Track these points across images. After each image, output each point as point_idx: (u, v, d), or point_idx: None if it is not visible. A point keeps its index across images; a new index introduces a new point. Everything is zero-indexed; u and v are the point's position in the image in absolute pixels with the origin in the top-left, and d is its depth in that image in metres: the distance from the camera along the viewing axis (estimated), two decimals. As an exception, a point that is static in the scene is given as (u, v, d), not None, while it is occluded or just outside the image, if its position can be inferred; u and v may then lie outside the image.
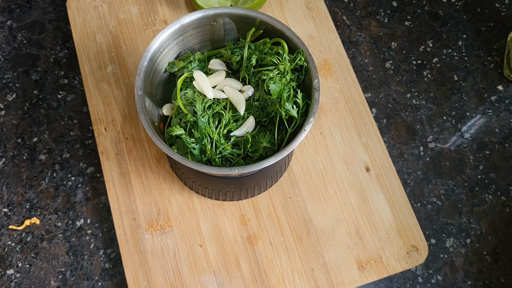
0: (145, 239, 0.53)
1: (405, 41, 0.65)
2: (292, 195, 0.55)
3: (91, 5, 0.62)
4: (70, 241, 0.55)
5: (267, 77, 0.47)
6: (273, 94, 0.46)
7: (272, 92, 0.46)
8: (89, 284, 0.53)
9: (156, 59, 0.48)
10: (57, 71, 0.62)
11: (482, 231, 0.57)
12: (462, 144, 0.61)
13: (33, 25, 0.64)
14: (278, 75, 0.47)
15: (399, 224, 0.54)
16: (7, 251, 0.54)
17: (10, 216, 0.55)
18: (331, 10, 0.65)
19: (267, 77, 0.47)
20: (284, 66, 0.47)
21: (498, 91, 0.63)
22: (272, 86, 0.46)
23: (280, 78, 0.47)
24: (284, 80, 0.47)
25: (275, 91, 0.46)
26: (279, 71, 0.47)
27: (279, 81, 0.47)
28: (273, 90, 0.46)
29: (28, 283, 0.53)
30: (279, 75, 0.47)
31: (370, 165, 0.57)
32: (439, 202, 0.58)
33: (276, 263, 0.53)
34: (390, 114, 0.62)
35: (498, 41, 0.65)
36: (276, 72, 0.47)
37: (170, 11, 0.63)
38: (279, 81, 0.47)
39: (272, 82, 0.46)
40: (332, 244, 0.53)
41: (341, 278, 0.52)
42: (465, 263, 0.56)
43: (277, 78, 0.47)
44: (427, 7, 0.67)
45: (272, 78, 0.47)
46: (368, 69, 0.64)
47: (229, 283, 0.52)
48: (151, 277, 0.51)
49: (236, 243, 0.53)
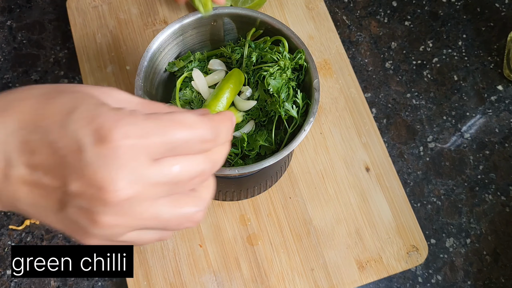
0: (145, 239, 0.53)
1: (405, 41, 0.65)
2: (292, 195, 0.55)
3: (91, 5, 0.62)
4: (70, 241, 0.55)
5: (268, 73, 0.47)
6: (273, 89, 0.46)
7: (272, 88, 0.46)
8: (89, 284, 0.53)
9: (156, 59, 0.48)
10: (57, 71, 0.62)
11: (482, 231, 0.57)
12: (462, 144, 0.61)
13: (33, 25, 0.64)
14: (279, 71, 0.47)
15: (399, 224, 0.54)
16: (7, 251, 0.54)
17: (10, 216, 0.55)
18: (331, 10, 0.65)
19: (267, 73, 0.46)
20: (285, 62, 0.47)
21: (498, 91, 0.63)
22: (272, 82, 0.46)
23: (281, 74, 0.47)
24: (284, 76, 0.47)
25: (275, 87, 0.46)
26: (279, 67, 0.47)
27: (279, 77, 0.46)
28: (273, 86, 0.46)
29: (28, 283, 0.53)
30: (279, 71, 0.47)
31: (370, 165, 0.57)
32: (439, 202, 0.58)
33: (276, 263, 0.53)
34: (390, 114, 0.62)
35: (498, 41, 0.65)
36: (276, 68, 0.47)
37: (170, 11, 0.63)
38: (279, 77, 0.46)
39: (272, 78, 0.46)
40: (332, 244, 0.53)
41: (341, 278, 0.52)
42: (465, 263, 0.56)
43: (277, 73, 0.47)
44: (427, 7, 0.67)
45: (273, 74, 0.46)
46: (368, 69, 0.64)
47: (229, 283, 0.52)
48: (151, 277, 0.51)
49: (236, 243, 0.53)
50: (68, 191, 0.24)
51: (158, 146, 0.25)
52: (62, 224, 0.26)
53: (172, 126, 0.25)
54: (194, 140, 0.26)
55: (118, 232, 0.26)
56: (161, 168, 0.25)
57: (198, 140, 0.26)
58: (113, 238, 0.27)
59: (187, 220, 0.28)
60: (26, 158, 0.25)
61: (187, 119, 0.26)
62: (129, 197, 0.24)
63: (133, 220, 0.25)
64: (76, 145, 0.24)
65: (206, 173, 0.27)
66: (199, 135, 0.26)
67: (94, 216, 0.25)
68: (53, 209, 0.26)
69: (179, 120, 0.25)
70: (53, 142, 0.25)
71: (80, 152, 0.24)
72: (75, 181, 0.24)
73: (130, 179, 0.24)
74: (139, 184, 0.24)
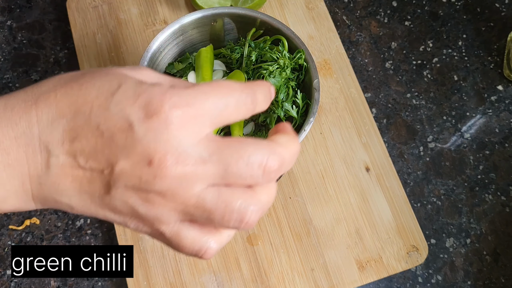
0: (145, 239, 0.53)
1: (405, 41, 0.65)
2: (292, 195, 0.55)
3: (91, 5, 0.62)
4: (70, 241, 0.55)
5: (267, 71, 0.46)
6: None
7: None
8: (89, 284, 0.53)
9: (156, 59, 0.48)
10: (57, 71, 0.62)
11: (482, 231, 0.57)
12: (462, 144, 0.61)
13: (33, 25, 0.64)
14: (278, 70, 0.47)
15: (399, 224, 0.54)
16: (7, 251, 0.54)
17: (10, 216, 0.55)
18: (331, 10, 0.65)
19: (267, 71, 0.46)
20: (284, 61, 0.47)
21: (498, 91, 0.63)
22: (272, 81, 0.46)
23: (280, 73, 0.47)
24: (284, 74, 0.47)
25: (275, 85, 0.46)
26: (279, 66, 0.47)
27: (279, 75, 0.46)
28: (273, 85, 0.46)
29: (28, 283, 0.53)
30: (278, 69, 0.47)
31: (370, 165, 0.57)
32: (439, 202, 0.58)
33: (276, 263, 0.53)
34: (390, 114, 0.62)
35: (498, 41, 0.65)
36: (275, 67, 0.47)
37: (170, 11, 0.63)
38: (278, 75, 0.46)
39: (272, 77, 0.46)
40: (332, 244, 0.53)
41: (341, 278, 0.52)
42: (465, 263, 0.56)
43: (276, 72, 0.47)
44: (427, 7, 0.67)
45: (272, 73, 0.46)
46: (368, 69, 0.64)
47: (229, 283, 0.52)
48: (151, 277, 0.51)
49: (236, 243, 0.53)
50: (115, 171, 0.24)
51: (205, 112, 0.25)
52: (109, 209, 0.26)
53: (213, 92, 0.25)
54: (240, 102, 0.26)
55: (163, 213, 0.25)
56: (213, 142, 0.25)
57: (243, 102, 0.26)
58: (158, 222, 0.25)
59: (237, 217, 0.25)
60: (68, 146, 0.25)
61: (226, 84, 0.26)
62: (179, 172, 0.24)
63: (179, 198, 0.25)
64: (125, 123, 0.24)
65: (271, 167, 0.25)
66: (242, 97, 0.26)
67: (142, 194, 0.25)
68: (99, 195, 0.25)
69: (218, 86, 0.26)
70: (99, 124, 0.24)
71: (130, 129, 0.24)
72: (123, 160, 0.24)
73: (181, 152, 0.24)
74: (191, 159, 0.24)
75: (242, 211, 0.25)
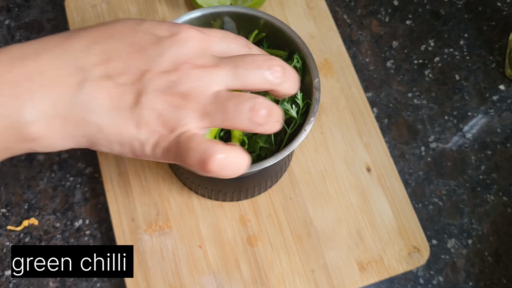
0: (144, 240, 0.52)
1: (406, 40, 0.65)
2: (292, 195, 0.55)
3: (90, 4, 0.62)
4: (69, 242, 0.54)
5: None
6: None
7: None
8: (87, 285, 0.53)
9: (155, 59, 0.48)
10: (56, 70, 0.62)
11: (483, 231, 0.57)
12: (464, 144, 0.60)
13: (32, 25, 0.64)
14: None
15: (400, 224, 0.54)
16: (5, 251, 0.54)
17: (8, 217, 0.55)
18: (332, 9, 0.65)
19: None
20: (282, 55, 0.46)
21: (499, 90, 0.63)
22: None
23: None
24: None
25: None
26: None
27: None
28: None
29: (27, 284, 0.53)
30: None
31: (371, 165, 0.56)
32: (440, 203, 0.58)
33: (276, 264, 0.52)
34: (391, 114, 0.61)
35: (500, 41, 0.65)
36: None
37: (170, 10, 0.62)
38: None
39: None
40: (332, 245, 0.53)
41: (342, 279, 0.52)
42: (467, 264, 0.55)
43: None
44: (428, 6, 0.67)
45: None
46: (369, 68, 0.63)
47: (229, 284, 0.51)
48: (150, 278, 0.51)
49: (236, 244, 0.53)
50: (146, 78, 0.29)
51: (215, 37, 0.33)
52: (135, 122, 0.29)
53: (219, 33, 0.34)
54: (239, 44, 0.35)
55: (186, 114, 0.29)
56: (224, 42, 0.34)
57: (242, 45, 0.35)
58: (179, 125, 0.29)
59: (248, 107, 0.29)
60: (102, 66, 0.29)
61: (231, 33, 0.35)
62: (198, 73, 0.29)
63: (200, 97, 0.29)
64: (154, 38, 0.30)
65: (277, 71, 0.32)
66: (242, 41, 0.35)
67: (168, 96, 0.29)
68: (129, 106, 0.29)
69: (223, 31, 0.35)
70: (131, 43, 0.30)
71: (159, 42, 0.30)
72: (154, 66, 0.29)
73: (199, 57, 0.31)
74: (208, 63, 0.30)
75: (253, 100, 0.30)
